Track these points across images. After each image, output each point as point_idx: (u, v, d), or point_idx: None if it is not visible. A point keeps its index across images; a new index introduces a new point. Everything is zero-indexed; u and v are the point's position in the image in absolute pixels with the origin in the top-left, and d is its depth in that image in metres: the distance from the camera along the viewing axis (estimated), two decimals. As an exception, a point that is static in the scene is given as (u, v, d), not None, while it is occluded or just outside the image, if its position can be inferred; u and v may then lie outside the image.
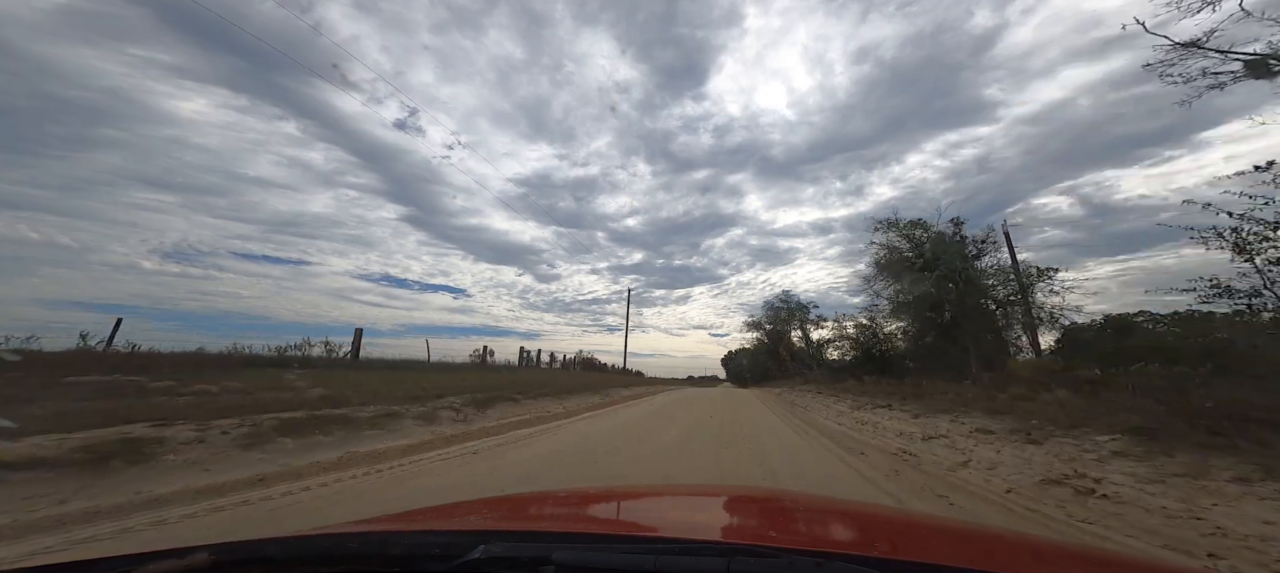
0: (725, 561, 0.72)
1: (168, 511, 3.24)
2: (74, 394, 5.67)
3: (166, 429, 4.54)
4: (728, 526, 1.41)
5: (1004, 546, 1.24)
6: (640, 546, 0.87)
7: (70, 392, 5.79)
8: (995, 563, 0.96)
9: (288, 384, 7.83)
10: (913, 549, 1.11)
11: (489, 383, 12.24)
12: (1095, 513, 3.42)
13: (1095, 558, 1.22)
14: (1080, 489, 3.85)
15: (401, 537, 0.99)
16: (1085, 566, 1.09)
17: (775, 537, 1.16)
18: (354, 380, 9.24)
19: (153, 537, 2.80)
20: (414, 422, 7.04)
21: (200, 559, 0.75)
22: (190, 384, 6.88)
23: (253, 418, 5.34)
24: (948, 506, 3.81)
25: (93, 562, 0.74)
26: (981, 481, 4.52)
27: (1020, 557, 1.08)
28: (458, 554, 0.77)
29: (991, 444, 5.79)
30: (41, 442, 3.79)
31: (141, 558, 0.73)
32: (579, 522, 1.37)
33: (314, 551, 0.90)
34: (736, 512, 1.57)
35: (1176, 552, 2.71)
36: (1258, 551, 2.63)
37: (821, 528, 1.36)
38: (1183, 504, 3.32)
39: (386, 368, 14.47)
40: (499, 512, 1.48)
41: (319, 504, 3.50)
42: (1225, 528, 2.90)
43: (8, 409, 4.30)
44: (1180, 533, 2.92)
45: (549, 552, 0.77)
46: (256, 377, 8.57)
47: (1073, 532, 3.13)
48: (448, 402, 8.68)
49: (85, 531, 2.83)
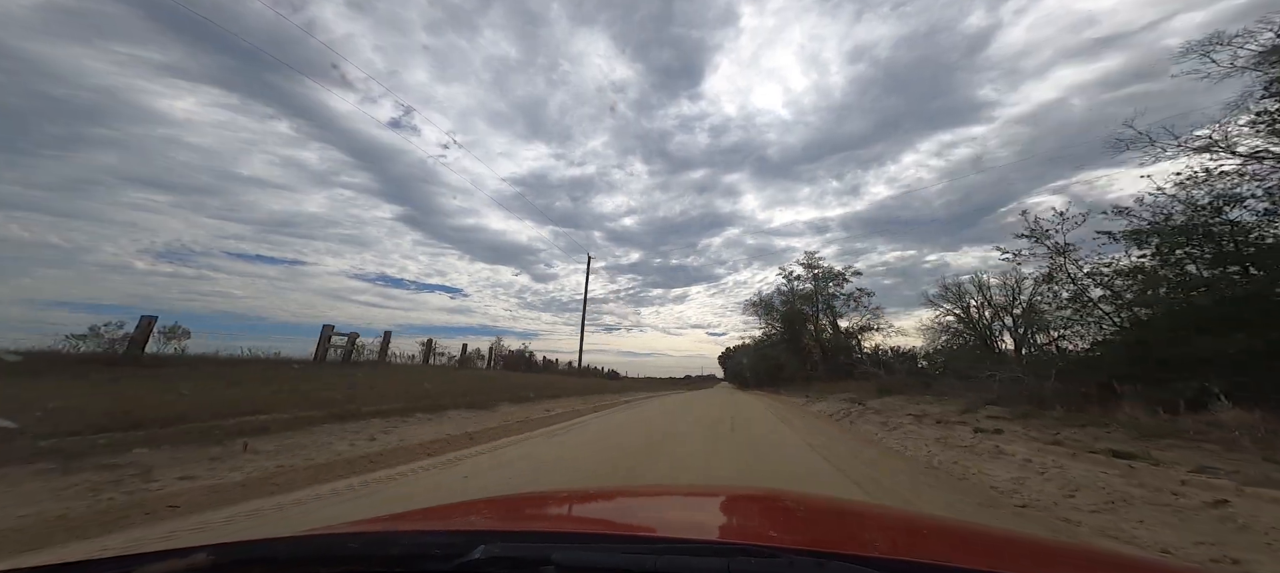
0: (725, 561, 0.72)
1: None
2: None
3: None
4: (727, 526, 1.41)
5: (1004, 546, 1.23)
6: (640, 546, 0.87)
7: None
8: (996, 563, 0.96)
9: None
10: (913, 549, 1.11)
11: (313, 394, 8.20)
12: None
13: (1096, 558, 1.22)
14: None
15: (401, 537, 0.99)
16: (1086, 566, 1.09)
17: (775, 537, 1.15)
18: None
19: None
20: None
21: (200, 560, 0.75)
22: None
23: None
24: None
25: (93, 562, 0.74)
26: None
27: (1020, 557, 1.08)
28: (457, 554, 0.77)
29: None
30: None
31: (141, 558, 0.73)
32: (579, 522, 1.37)
33: (314, 551, 0.90)
34: (736, 512, 1.57)
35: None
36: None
37: (821, 528, 1.36)
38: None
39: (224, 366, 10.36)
40: (499, 512, 1.48)
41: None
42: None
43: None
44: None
45: (548, 552, 0.77)
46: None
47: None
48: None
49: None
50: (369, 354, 16.25)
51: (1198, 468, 4.37)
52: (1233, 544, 2.98)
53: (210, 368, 10.06)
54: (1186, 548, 2.99)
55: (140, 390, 6.80)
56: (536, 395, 14.05)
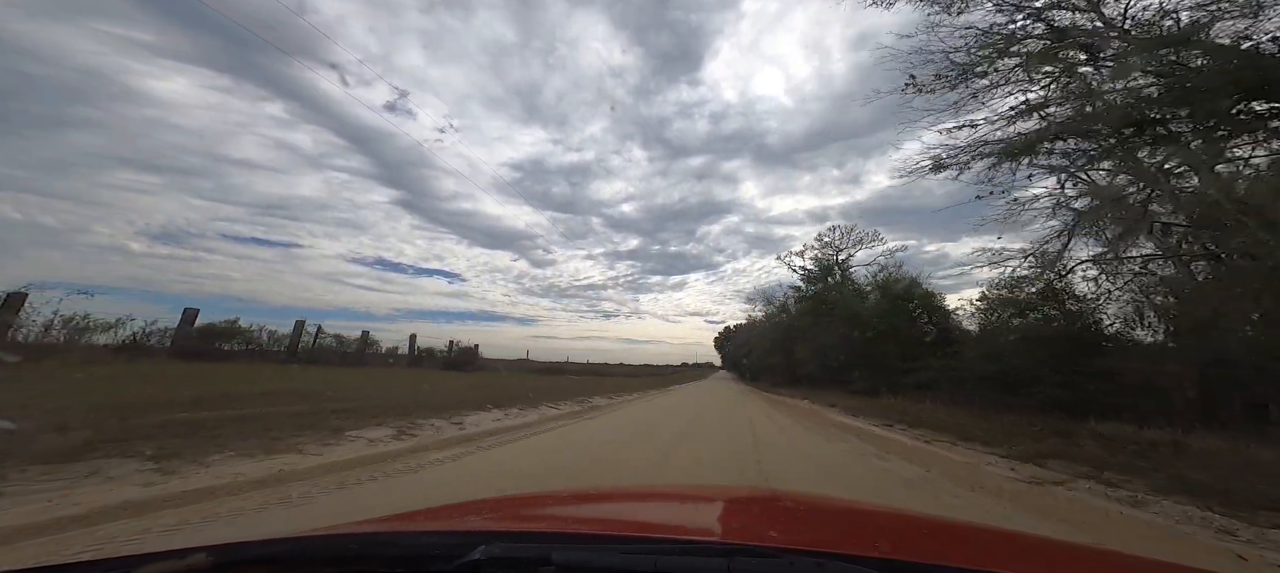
0: (726, 561, 0.72)
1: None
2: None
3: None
4: (728, 526, 1.41)
5: (1005, 545, 1.23)
6: (640, 546, 0.87)
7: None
8: (996, 563, 0.96)
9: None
10: (913, 549, 1.11)
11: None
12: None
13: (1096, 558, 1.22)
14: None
15: (401, 538, 0.99)
16: (1086, 565, 1.09)
17: (775, 537, 1.15)
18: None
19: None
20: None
21: (199, 560, 0.75)
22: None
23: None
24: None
25: (92, 562, 0.74)
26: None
27: (1021, 556, 1.08)
28: (458, 555, 0.77)
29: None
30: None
31: (140, 559, 0.73)
32: (579, 522, 1.37)
33: (314, 551, 0.90)
34: (737, 512, 1.57)
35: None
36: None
37: (822, 528, 1.36)
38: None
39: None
40: (499, 513, 1.47)
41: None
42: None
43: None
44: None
45: (548, 552, 0.77)
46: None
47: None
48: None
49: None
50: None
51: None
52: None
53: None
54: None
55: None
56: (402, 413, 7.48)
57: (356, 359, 20.80)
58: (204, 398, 6.82)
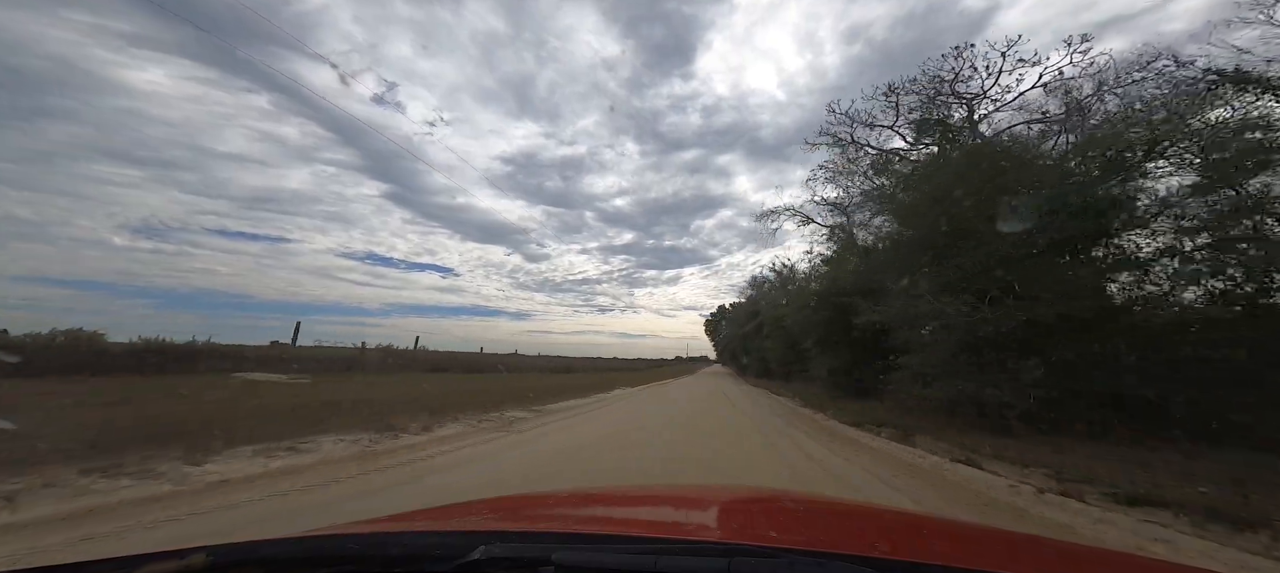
0: (726, 561, 0.72)
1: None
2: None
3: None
4: (728, 526, 1.41)
5: (1004, 545, 1.23)
6: (640, 546, 0.87)
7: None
8: (995, 563, 0.96)
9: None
10: (913, 549, 1.11)
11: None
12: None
13: (1097, 558, 1.22)
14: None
15: (402, 538, 0.99)
16: (1086, 565, 1.09)
17: (776, 537, 1.15)
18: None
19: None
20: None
21: (198, 560, 0.74)
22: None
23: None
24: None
25: (91, 563, 0.74)
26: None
27: (1021, 557, 1.08)
28: (458, 555, 0.77)
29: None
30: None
31: (139, 559, 0.73)
32: (579, 522, 1.37)
33: (314, 551, 0.89)
34: (737, 512, 1.57)
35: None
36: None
37: (822, 528, 1.36)
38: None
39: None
40: (499, 512, 1.47)
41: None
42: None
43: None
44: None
45: (549, 553, 0.77)
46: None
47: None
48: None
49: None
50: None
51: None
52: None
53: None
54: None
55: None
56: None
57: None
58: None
